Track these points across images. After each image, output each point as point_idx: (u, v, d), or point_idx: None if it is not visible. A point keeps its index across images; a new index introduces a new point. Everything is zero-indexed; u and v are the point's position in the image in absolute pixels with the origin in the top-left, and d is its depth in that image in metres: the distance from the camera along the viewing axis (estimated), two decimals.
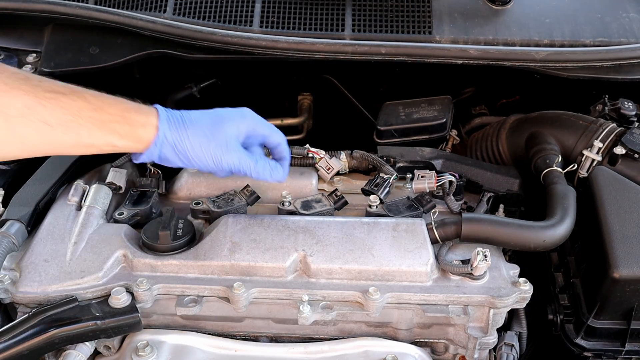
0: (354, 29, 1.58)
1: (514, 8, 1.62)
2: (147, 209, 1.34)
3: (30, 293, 1.18)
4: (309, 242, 1.24)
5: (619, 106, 1.52)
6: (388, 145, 1.57)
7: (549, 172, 1.40)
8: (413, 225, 1.27)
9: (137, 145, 1.12)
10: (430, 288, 1.21)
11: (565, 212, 1.29)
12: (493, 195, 1.43)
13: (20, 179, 1.44)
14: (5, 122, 0.99)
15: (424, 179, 1.38)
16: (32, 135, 1.02)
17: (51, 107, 1.01)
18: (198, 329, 1.27)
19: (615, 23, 1.59)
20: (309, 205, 1.34)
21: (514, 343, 1.30)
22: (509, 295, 1.19)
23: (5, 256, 1.21)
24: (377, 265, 1.21)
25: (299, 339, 1.28)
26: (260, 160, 1.22)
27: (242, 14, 1.60)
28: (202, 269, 1.22)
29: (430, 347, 1.29)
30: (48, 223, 1.29)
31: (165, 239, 1.23)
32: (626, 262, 1.20)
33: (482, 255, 1.18)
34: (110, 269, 1.22)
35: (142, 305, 1.20)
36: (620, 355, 1.30)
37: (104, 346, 1.23)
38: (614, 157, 1.40)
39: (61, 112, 1.02)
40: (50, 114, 1.02)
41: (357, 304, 1.20)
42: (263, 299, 1.21)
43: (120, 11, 1.58)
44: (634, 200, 1.30)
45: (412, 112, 1.63)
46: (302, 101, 1.99)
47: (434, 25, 1.58)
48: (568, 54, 1.51)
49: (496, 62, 1.52)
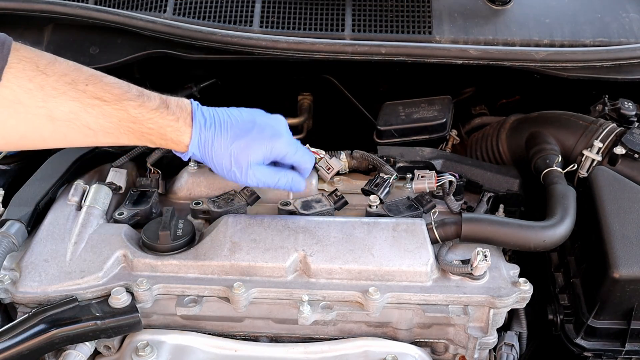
0: (354, 29, 1.58)
1: (514, 8, 1.62)
2: (147, 209, 1.34)
3: (30, 293, 1.18)
4: (309, 242, 1.24)
5: (619, 106, 1.52)
6: (388, 145, 1.56)
7: (549, 172, 1.40)
8: (413, 225, 1.27)
9: (173, 149, 1.20)
10: (430, 288, 1.21)
11: (565, 212, 1.29)
12: (493, 195, 1.43)
13: (20, 179, 1.44)
14: (52, 124, 1.08)
15: (424, 179, 1.38)
16: (75, 136, 1.11)
17: (94, 114, 1.09)
18: (198, 329, 1.27)
19: (615, 23, 1.59)
20: (309, 205, 1.34)
21: (514, 343, 1.30)
22: (509, 295, 1.19)
23: (5, 256, 1.21)
24: (377, 265, 1.21)
25: (299, 339, 1.28)
26: (282, 179, 1.26)
27: (242, 14, 1.60)
28: (202, 269, 1.22)
29: (430, 347, 1.29)
30: (48, 223, 1.29)
31: (165, 239, 1.23)
32: (626, 262, 1.20)
33: (482, 255, 1.18)
34: (110, 269, 1.22)
35: (142, 305, 1.20)
36: (620, 355, 1.30)
37: (104, 346, 1.23)
38: (614, 157, 1.40)
39: (103, 119, 1.10)
40: (93, 120, 1.10)
41: (357, 304, 1.20)
42: (263, 299, 1.21)
43: (120, 11, 1.58)
44: (634, 200, 1.30)
45: (412, 112, 1.63)
46: (302, 101, 1.98)
47: (434, 25, 1.58)
48: (568, 54, 1.51)
49: (496, 62, 1.52)
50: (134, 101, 1.12)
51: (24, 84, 1.04)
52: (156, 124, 1.14)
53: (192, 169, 1.44)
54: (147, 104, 1.13)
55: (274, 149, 1.22)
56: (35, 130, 1.08)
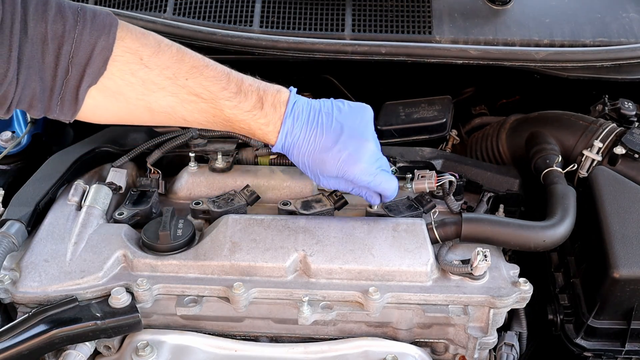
0: (354, 29, 1.58)
1: (514, 8, 1.62)
2: (147, 209, 1.34)
3: (30, 293, 1.18)
4: (309, 242, 1.24)
5: (619, 106, 1.52)
6: (388, 145, 1.57)
7: (549, 172, 1.40)
8: (413, 225, 1.27)
9: None
10: (430, 288, 1.21)
11: (565, 212, 1.29)
12: (493, 195, 1.43)
13: (20, 179, 1.44)
14: (150, 114, 1.15)
15: (424, 179, 1.38)
16: (168, 124, 1.21)
17: (190, 110, 1.15)
18: (198, 329, 1.27)
19: (615, 23, 1.59)
20: (309, 205, 1.34)
21: (514, 343, 1.30)
22: (509, 295, 1.19)
23: (5, 256, 1.21)
24: (377, 265, 1.21)
25: (299, 339, 1.28)
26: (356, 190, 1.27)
27: (242, 14, 1.60)
28: (202, 269, 1.22)
29: (430, 347, 1.29)
30: (48, 223, 1.29)
31: (165, 239, 1.23)
32: (626, 262, 1.20)
33: (482, 255, 1.18)
34: (110, 269, 1.22)
35: (142, 305, 1.20)
36: (620, 355, 1.30)
37: (104, 346, 1.23)
38: (614, 157, 1.40)
39: (198, 114, 1.16)
40: (188, 114, 1.16)
41: (357, 304, 1.20)
42: (263, 299, 1.21)
43: (121, 11, 1.58)
44: (634, 200, 1.30)
45: (412, 112, 1.63)
46: None
47: (434, 25, 1.58)
48: (568, 54, 1.51)
49: (496, 62, 1.52)
50: (229, 101, 1.15)
51: (127, 78, 1.08)
52: (247, 125, 1.18)
53: (192, 169, 1.44)
54: (241, 106, 1.15)
55: (346, 174, 1.21)
56: (133, 118, 1.16)
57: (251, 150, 1.50)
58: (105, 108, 1.12)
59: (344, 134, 1.19)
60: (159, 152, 1.45)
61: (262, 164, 1.49)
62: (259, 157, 1.49)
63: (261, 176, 1.43)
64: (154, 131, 1.53)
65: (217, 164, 1.43)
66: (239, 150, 1.49)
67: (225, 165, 1.43)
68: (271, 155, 1.49)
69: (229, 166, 1.44)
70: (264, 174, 1.44)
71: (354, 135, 1.20)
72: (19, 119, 1.60)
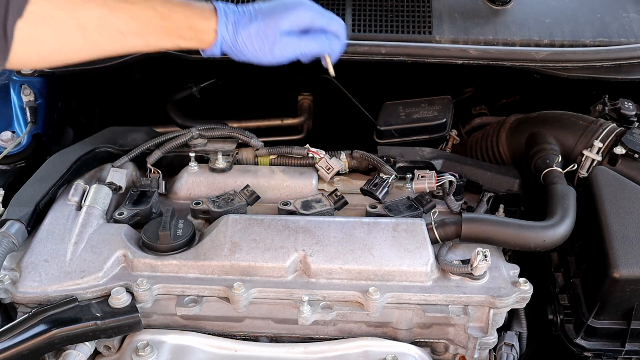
0: (354, 29, 1.58)
1: (514, 8, 1.62)
2: (147, 209, 1.34)
3: (30, 293, 1.18)
4: (309, 242, 1.24)
5: (619, 106, 1.53)
6: (388, 145, 1.57)
7: (549, 172, 1.40)
8: (413, 225, 1.27)
9: (200, 45, 1.19)
10: (430, 288, 1.21)
11: (565, 212, 1.29)
12: (493, 195, 1.43)
13: (20, 179, 1.44)
14: (82, 33, 1.09)
15: (424, 179, 1.38)
16: (105, 43, 1.12)
17: (122, 17, 1.10)
18: (198, 329, 1.27)
19: (615, 23, 1.59)
20: (309, 205, 1.34)
21: (514, 343, 1.30)
22: (509, 295, 1.19)
23: (5, 256, 1.21)
24: (377, 265, 1.21)
25: (299, 339, 1.28)
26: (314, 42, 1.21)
27: None
28: (202, 269, 1.22)
29: (430, 347, 1.29)
30: (48, 223, 1.29)
31: (165, 239, 1.23)
32: (626, 262, 1.21)
33: (482, 255, 1.18)
34: (110, 269, 1.22)
35: (142, 305, 1.20)
36: (620, 355, 1.30)
37: (104, 346, 1.23)
38: (614, 157, 1.40)
39: (131, 21, 1.11)
40: (122, 24, 1.11)
41: (357, 304, 1.20)
42: (263, 299, 1.21)
43: None
44: (634, 200, 1.30)
45: (412, 112, 1.63)
46: (302, 101, 1.99)
47: (434, 25, 1.58)
48: (568, 54, 1.51)
49: (496, 62, 1.52)
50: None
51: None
52: (184, 14, 1.14)
53: (192, 169, 1.44)
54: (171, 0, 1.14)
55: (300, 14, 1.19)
56: (66, 42, 1.10)
57: (251, 150, 1.50)
58: (36, 39, 1.07)
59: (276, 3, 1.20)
60: (159, 152, 1.45)
61: (262, 164, 1.49)
62: (259, 157, 1.49)
63: (261, 176, 1.43)
64: (154, 131, 1.53)
65: (217, 164, 1.43)
66: (239, 150, 1.49)
67: (225, 165, 1.43)
68: (271, 155, 1.49)
69: (229, 166, 1.44)
70: (264, 174, 1.44)
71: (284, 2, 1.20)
72: (19, 119, 1.60)
